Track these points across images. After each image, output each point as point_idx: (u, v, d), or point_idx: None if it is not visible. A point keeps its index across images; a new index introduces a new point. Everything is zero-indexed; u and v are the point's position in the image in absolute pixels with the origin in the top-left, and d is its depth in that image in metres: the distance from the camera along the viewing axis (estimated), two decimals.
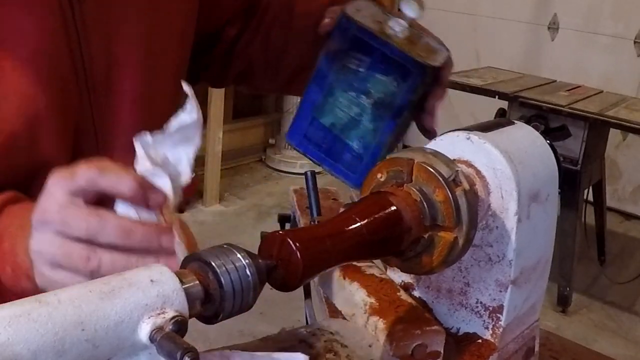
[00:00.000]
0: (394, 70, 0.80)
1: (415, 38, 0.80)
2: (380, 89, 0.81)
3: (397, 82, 0.80)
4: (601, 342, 2.70)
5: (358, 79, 0.82)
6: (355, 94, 0.83)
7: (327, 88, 0.85)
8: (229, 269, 0.46)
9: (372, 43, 0.79)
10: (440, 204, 0.59)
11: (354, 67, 0.82)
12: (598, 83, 3.41)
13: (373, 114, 0.83)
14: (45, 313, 0.39)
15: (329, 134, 0.87)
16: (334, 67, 0.84)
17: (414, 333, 0.64)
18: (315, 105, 0.86)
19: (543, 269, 0.74)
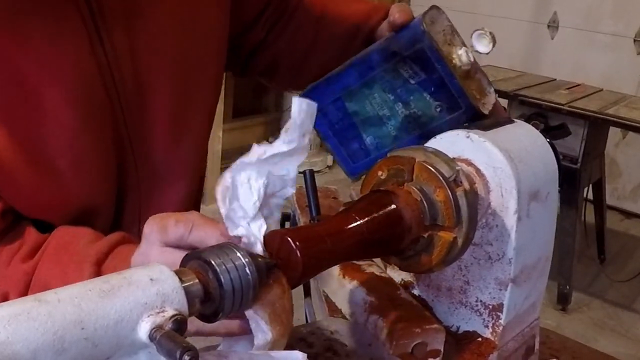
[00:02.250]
0: (444, 99, 0.77)
1: (473, 73, 0.77)
2: (421, 107, 0.79)
3: (441, 109, 0.78)
4: (601, 340, 2.70)
5: (404, 88, 0.80)
6: (394, 98, 0.81)
7: (367, 79, 0.82)
8: (229, 268, 0.46)
9: (437, 65, 0.76)
10: (440, 204, 0.59)
11: (405, 75, 0.79)
12: (598, 81, 3.40)
13: (401, 124, 0.81)
14: (44, 312, 0.39)
15: (348, 119, 0.85)
16: (385, 65, 0.80)
17: (414, 331, 0.64)
18: (348, 89, 0.84)
19: (543, 267, 0.74)
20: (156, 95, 0.80)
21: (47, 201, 0.74)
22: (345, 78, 0.84)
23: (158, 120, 0.80)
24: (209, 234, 0.53)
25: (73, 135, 0.73)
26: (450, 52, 0.76)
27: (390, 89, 0.81)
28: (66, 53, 0.71)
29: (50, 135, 0.71)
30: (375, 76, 0.81)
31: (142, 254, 0.57)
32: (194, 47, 0.83)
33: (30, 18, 0.68)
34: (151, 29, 0.78)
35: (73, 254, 0.68)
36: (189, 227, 0.54)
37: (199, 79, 0.85)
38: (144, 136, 0.80)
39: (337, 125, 0.86)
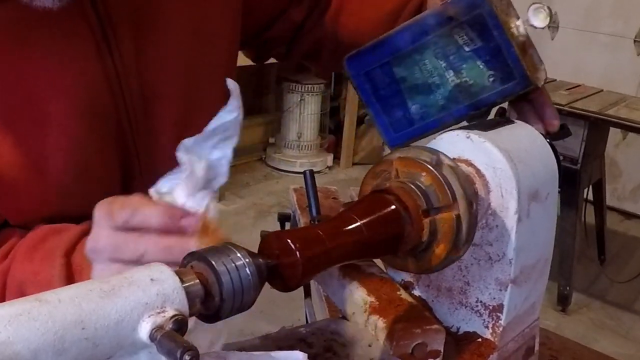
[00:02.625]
0: (498, 68, 0.75)
1: (527, 47, 0.76)
2: (474, 75, 0.77)
3: (494, 79, 0.76)
4: (601, 341, 2.70)
5: (457, 55, 0.77)
6: (446, 65, 0.78)
7: (420, 44, 0.79)
8: (229, 268, 0.46)
9: (495, 32, 0.74)
10: (431, 186, 0.59)
11: (460, 42, 0.76)
12: (598, 82, 3.41)
13: (450, 93, 0.78)
14: (45, 312, 0.39)
15: (394, 85, 0.82)
16: (440, 30, 0.77)
17: (414, 332, 0.64)
18: (398, 52, 0.80)
19: (543, 268, 0.74)
20: (163, 105, 0.79)
21: (44, 209, 0.74)
22: (396, 41, 0.80)
23: (164, 129, 0.80)
24: (151, 215, 0.55)
25: (78, 147, 0.73)
26: (508, 22, 0.75)
27: (442, 55, 0.78)
28: (73, 65, 0.71)
29: (55, 147, 0.71)
30: (429, 41, 0.78)
31: (92, 238, 0.58)
32: (202, 57, 0.83)
33: (38, 31, 0.68)
34: (160, 39, 0.77)
35: (44, 249, 0.68)
36: (132, 211, 0.56)
37: (206, 89, 0.85)
38: (150, 145, 0.80)
39: (382, 90, 0.83)
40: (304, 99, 4.10)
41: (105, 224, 0.57)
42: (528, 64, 0.75)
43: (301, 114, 4.11)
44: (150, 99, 0.78)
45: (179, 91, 0.81)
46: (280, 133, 4.25)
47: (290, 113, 4.14)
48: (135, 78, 0.76)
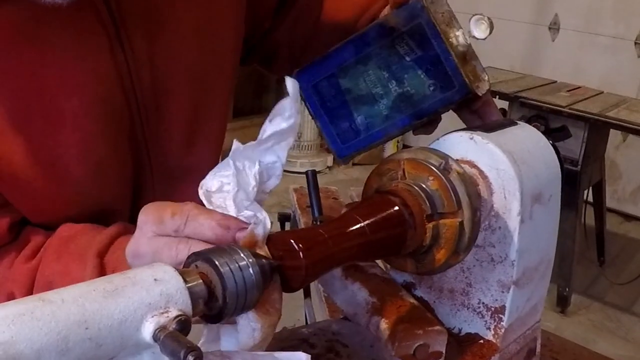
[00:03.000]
0: (438, 77, 0.77)
1: (469, 57, 0.78)
2: (415, 85, 0.79)
3: (434, 88, 0.78)
4: (600, 342, 2.70)
5: (399, 65, 0.79)
6: (388, 75, 0.80)
7: (363, 55, 0.81)
8: (233, 269, 0.46)
9: (433, 42, 0.76)
10: (437, 191, 0.59)
11: (401, 52, 0.79)
12: (598, 84, 3.41)
13: (393, 103, 0.80)
14: (48, 312, 0.39)
15: (340, 96, 0.84)
16: (382, 41, 0.80)
17: (416, 333, 0.64)
18: (342, 65, 0.83)
19: (545, 269, 0.74)
20: (173, 100, 0.80)
21: (63, 208, 0.74)
22: (341, 54, 0.83)
23: (174, 124, 0.81)
24: (204, 224, 0.53)
25: (90, 143, 0.73)
26: (448, 32, 0.77)
27: (385, 65, 0.80)
28: (87, 62, 0.71)
29: (68, 144, 0.71)
30: (371, 52, 0.81)
31: (133, 243, 0.57)
32: (211, 52, 0.83)
33: (50, 28, 0.68)
34: (170, 35, 0.78)
35: (74, 249, 0.68)
36: (185, 218, 0.54)
37: (215, 83, 0.85)
38: (161, 140, 0.80)
39: (328, 102, 0.85)
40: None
41: (150, 230, 0.56)
42: (468, 73, 0.76)
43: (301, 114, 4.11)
44: (162, 94, 0.78)
45: (189, 87, 0.81)
46: None
47: None
48: (146, 74, 0.76)
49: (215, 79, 0.85)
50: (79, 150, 0.72)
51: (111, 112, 0.74)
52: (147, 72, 0.76)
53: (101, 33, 0.71)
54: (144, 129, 0.78)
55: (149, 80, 0.76)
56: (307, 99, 0.86)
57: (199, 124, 0.84)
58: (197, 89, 0.82)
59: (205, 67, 0.83)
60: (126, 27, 0.72)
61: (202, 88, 0.83)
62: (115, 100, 0.74)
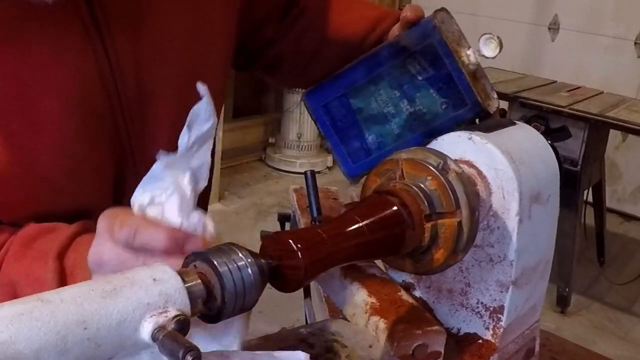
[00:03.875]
0: (450, 95, 0.78)
1: (479, 76, 0.78)
2: (427, 103, 0.79)
3: (446, 106, 0.78)
4: (600, 343, 2.70)
5: (410, 84, 0.80)
6: (400, 95, 0.81)
7: (375, 75, 0.82)
8: (231, 269, 0.46)
9: (446, 61, 0.77)
10: (435, 191, 0.59)
11: (413, 71, 0.79)
12: (598, 84, 3.41)
13: (405, 122, 0.81)
14: (47, 312, 0.39)
15: (351, 116, 0.84)
16: (394, 61, 0.80)
17: (415, 333, 0.64)
18: (354, 85, 0.83)
19: (544, 269, 0.74)
20: (159, 104, 0.79)
21: (38, 207, 0.73)
22: (352, 74, 0.83)
23: (160, 128, 0.80)
24: (154, 236, 0.54)
25: (69, 146, 0.72)
26: (459, 51, 0.77)
27: (397, 85, 0.81)
28: (68, 63, 0.70)
29: (47, 145, 0.71)
30: (383, 72, 0.81)
31: (96, 251, 0.57)
32: (199, 55, 0.83)
33: (32, 26, 0.67)
34: (156, 37, 0.77)
35: (36, 249, 0.68)
36: (133, 231, 0.54)
37: None
38: (146, 144, 0.79)
39: (339, 122, 0.85)
40: None
41: (108, 237, 0.56)
42: (479, 91, 0.77)
43: (301, 114, 4.11)
44: (147, 98, 0.78)
45: (175, 90, 0.80)
46: (280, 133, 4.25)
47: (290, 113, 4.14)
48: (131, 76, 0.75)
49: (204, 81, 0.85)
50: (58, 152, 0.71)
51: (92, 114, 0.73)
52: (131, 75, 0.75)
53: (82, 35, 0.70)
54: (129, 133, 0.77)
55: (134, 83, 0.76)
56: (318, 119, 0.88)
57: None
58: (185, 93, 0.81)
59: (193, 71, 0.82)
60: (109, 28, 0.72)
61: (189, 93, 0.82)
62: (97, 102, 0.73)
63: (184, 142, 0.54)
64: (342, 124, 0.85)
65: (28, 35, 0.68)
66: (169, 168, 0.55)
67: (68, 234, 0.68)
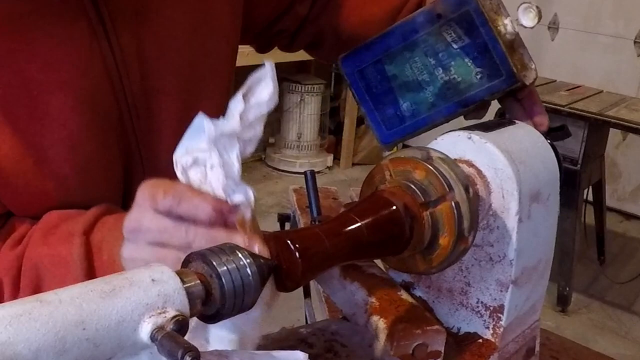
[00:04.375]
0: (485, 65, 0.77)
1: (516, 46, 0.78)
2: (462, 72, 0.78)
3: (481, 76, 0.77)
4: (601, 341, 2.70)
5: (446, 52, 0.79)
6: (435, 62, 0.80)
7: (410, 42, 0.81)
8: (230, 269, 0.46)
9: (482, 29, 0.76)
10: (425, 179, 0.60)
11: (448, 39, 0.78)
12: (598, 83, 3.41)
13: (440, 90, 0.80)
14: (46, 312, 0.39)
15: (386, 82, 0.84)
16: (429, 28, 0.79)
17: (415, 333, 0.64)
18: (389, 50, 0.82)
19: (544, 268, 0.74)
20: (164, 100, 0.79)
21: (47, 204, 0.74)
22: (388, 40, 0.82)
23: (166, 123, 0.80)
24: (199, 206, 0.53)
25: (77, 140, 0.73)
26: (496, 20, 0.76)
27: (432, 52, 0.80)
28: (73, 58, 0.71)
29: (54, 140, 0.71)
30: (418, 39, 0.80)
31: (134, 219, 0.56)
32: (203, 52, 0.83)
33: (38, 21, 0.68)
34: (161, 33, 0.77)
35: (60, 232, 0.68)
36: (177, 199, 0.53)
37: (208, 83, 0.85)
38: (152, 139, 0.80)
39: (374, 88, 0.85)
40: (304, 99, 4.10)
41: (149, 206, 0.55)
42: (516, 62, 0.76)
43: (301, 114, 4.11)
44: (152, 93, 0.78)
45: (180, 85, 0.81)
46: (280, 133, 4.25)
47: (290, 113, 4.14)
48: (136, 72, 0.76)
49: (208, 80, 0.85)
50: (66, 147, 0.72)
51: (99, 110, 0.73)
52: (136, 70, 0.76)
53: (88, 30, 0.71)
54: (135, 128, 0.78)
55: (139, 78, 0.76)
56: (353, 84, 0.86)
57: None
58: (189, 88, 0.82)
59: (198, 67, 0.83)
60: (114, 24, 0.72)
61: (194, 87, 0.83)
62: (103, 97, 0.74)
63: (237, 109, 0.51)
64: (376, 90, 0.84)
65: (35, 31, 0.68)
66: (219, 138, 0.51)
67: (94, 213, 0.68)
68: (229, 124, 0.52)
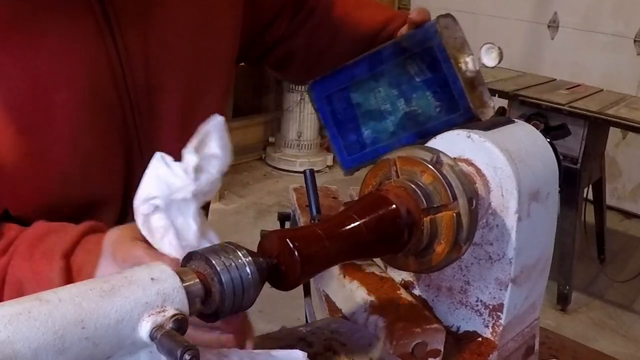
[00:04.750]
0: (444, 99, 0.80)
1: (477, 83, 0.81)
2: (422, 105, 0.82)
3: (440, 109, 0.80)
4: (600, 340, 2.70)
5: (409, 84, 0.83)
6: (398, 93, 0.83)
7: (376, 72, 0.85)
8: (230, 267, 0.46)
9: (443, 66, 0.79)
10: (430, 185, 0.59)
11: (412, 72, 0.82)
12: (598, 82, 3.40)
13: (400, 120, 0.84)
14: (45, 311, 0.39)
15: (350, 110, 0.87)
16: (395, 60, 0.83)
17: (414, 331, 0.64)
18: (355, 79, 0.86)
19: (543, 267, 0.74)
20: (166, 97, 0.80)
21: (47, 199, 0.74)
22: (355, 69, 0.86)
23: (167, 121, 0.81)
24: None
25: (80, 137, 0.73)
26: (458, 58, 0.79)
27: (395, 84, 0.83)
28: (79, 54, 0.72)
29: (58, 137, 0.72)
30: (384, 70, 0.84)
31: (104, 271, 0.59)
32: (205, 50, 0.84)
33: (47, 18, 0.69)
34: (164, 32, 0.78)
35: (43, 249, 0.69)
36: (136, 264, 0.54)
37: (209, 82, 0.86)
38: (153, 136, 0.81)
39: (339, 114, 0.88)
40: (304, 98, 4.10)
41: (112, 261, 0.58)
42: (474, 99, 0.79)
43: (301, 113, 4.11)
44: (154, 91, 0.79)
45: (182, 83, 0.82)
46: (280, 132, 4.25)
47: (290, 112, 4.13)
48: (139, 70, 0.77)
49: (210, 78, 0.86)
50: (69, 143, 0.73)
51: (101, 106, 0.74)
52: (140, 68, 0.77)
53: (93, 27, 0.72)
54: (137, 125, 0.79)
55: (142, 75, 0.77)
56: (319, 108, 0.90)
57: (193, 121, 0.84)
58: (191, 86, 0.83)
59: (200, 66, 0.83)
60: (119, 22, 0.73)
61: (195, 86, 0.84)
62: (107, 95, 0.75)
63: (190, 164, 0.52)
64: (341, 116, 0.88)
65: (42, 27, 0.69)
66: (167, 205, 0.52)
67: (76, 233, 0.68)
68: (182, 189, 0.51)
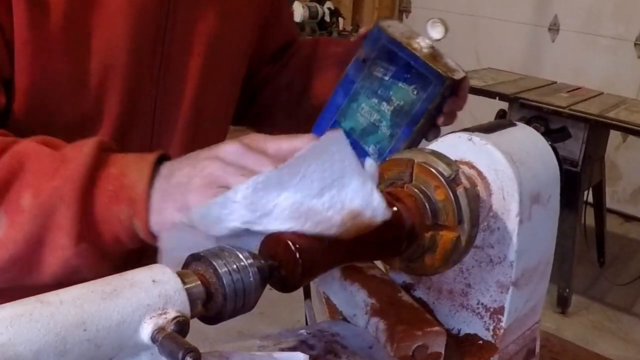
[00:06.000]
0: (415, 80, 0.84)
1: (437, 56, 0.85)
2: (401, 96, 0.86)
3: (417, 91, 0.85)
4: (601, 343, 2.70)
5: (382, 87, 0.87)
6: (378, 100, 0.88)
7: (352, 94, 0.90)
8: (231, 270, 0.46)
9: (399, 53, 0.84)
10: (440, 203, 0.59)
11: (379, 75, 0.87)
12: (598, 85, 3.41)
13: (392, 121, 0.88)
14: (47, 313, 0.39)
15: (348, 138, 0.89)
16: (362, 74, 0.89)
17: (415, 334, 0.64)
18: (340, 109, 0.91)
19: (544, 270, 0.74)
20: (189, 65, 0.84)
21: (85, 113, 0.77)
22: (334, 100, 0.92)
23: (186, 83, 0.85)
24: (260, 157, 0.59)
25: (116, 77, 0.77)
26: (410, 42, 0.86)
27: (372, 93, 0.89)
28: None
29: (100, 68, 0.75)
30: (357, 88, 0.90)
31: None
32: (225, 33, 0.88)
33: None
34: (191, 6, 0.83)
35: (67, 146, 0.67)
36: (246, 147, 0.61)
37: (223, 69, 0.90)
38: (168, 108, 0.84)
39: None
40: None
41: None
42: (441, 67, 0.84)
43: None
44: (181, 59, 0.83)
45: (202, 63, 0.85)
46: None
47: None
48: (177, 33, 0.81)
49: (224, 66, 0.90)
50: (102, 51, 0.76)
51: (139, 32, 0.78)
52: (179, 27, 0.81)
53: None
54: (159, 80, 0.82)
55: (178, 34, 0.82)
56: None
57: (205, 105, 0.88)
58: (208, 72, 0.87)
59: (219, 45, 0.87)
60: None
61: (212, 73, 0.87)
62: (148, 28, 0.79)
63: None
64: None
65: None
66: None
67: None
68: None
